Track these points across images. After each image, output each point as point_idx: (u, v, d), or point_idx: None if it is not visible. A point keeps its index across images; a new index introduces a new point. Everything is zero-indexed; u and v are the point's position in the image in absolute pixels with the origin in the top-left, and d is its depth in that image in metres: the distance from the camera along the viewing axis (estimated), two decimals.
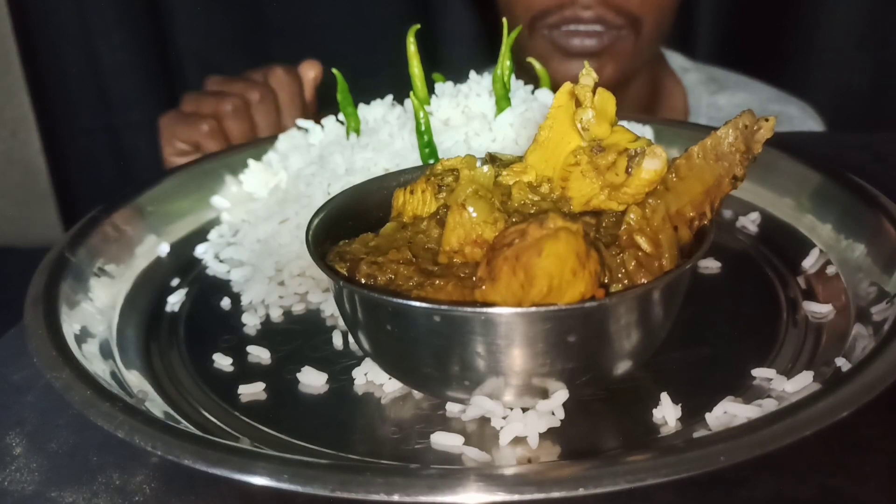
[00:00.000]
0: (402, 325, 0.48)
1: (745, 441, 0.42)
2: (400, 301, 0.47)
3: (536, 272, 0.44)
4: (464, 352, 0.47)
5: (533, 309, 0.45)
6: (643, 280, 0.48)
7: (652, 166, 0.49)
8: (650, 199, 0.50)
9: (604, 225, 0.50)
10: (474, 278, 0.47)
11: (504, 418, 0.49)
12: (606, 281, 0.48)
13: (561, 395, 0.49)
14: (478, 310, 0.45)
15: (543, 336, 0.46)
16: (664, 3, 1.17)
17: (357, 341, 0.54)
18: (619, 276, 0.48)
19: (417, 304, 0.47)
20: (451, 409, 0.51)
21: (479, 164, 0.55)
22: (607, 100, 0.52)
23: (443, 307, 0.46)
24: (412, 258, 0.51)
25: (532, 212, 0.51)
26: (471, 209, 0.50)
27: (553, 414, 0.49)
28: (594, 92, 0.52)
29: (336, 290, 0.52)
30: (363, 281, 0.50)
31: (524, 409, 0.50)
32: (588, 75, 0.52)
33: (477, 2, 1.52)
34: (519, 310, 0.45)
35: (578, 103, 0.52)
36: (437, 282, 0.48)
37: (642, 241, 0.49)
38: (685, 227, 0.51)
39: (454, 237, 0.50)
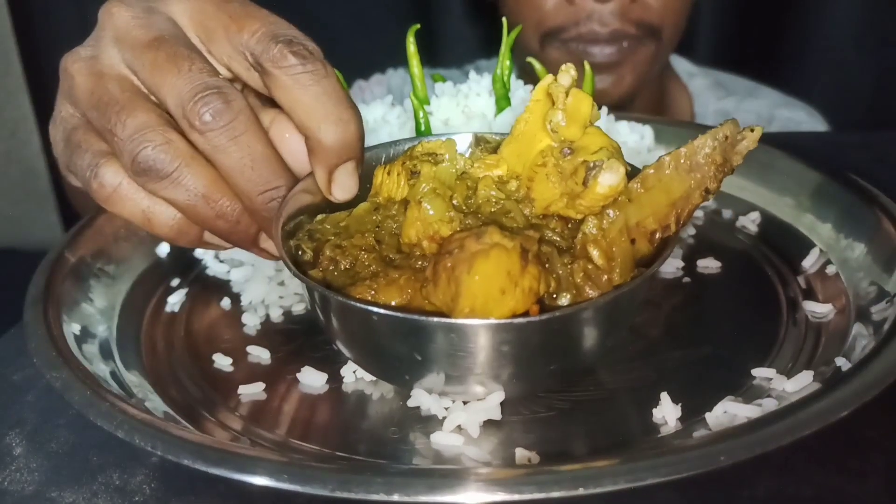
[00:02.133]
0: (346, 320, 0.50)
1: (746, 440, 0.42)
2: (342, 299, 0.47)
3: (462, 290, 0.44)
4: (399, 351, 0.48)
5: (457, 321, 0.45)
6: (590, 293, 0.48)
7: (607, 181, 0.48)
8: (609, 209, 0.49)
9: (569, 227, 0.50)
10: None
11: (447, 409, 0.50)
12: (552, 289, 0.47)
13: (497, 396, 0.49)
14: (407, 316, 0.46)
15: (472, 345, 0.46)
16: (681, 10, 1.14)
17: (324, 329, 0.54)
18: (568, 285, 0.48)
19: (356, 304, 0.47)
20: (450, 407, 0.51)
21: (466, 141, 0.55)
22: (581, 100, 0.51)
23: (379, 309, 0.46)
24: (375, 245, 0.51)
25: (494, 210, 0.51)
26: (427, 206, 0.50)
27: (491, 412, 0.50)
28: (568, 92, 0.51)
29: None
30: (325, 264, 0.50)
31: (465, 402, 0.50)
32: (566, 73, 0.51)
33: (477, 10, 1.52)
34: (444, 320, 0.45)
35: (553, 102, 0.51)
36: (393, 273, 0.49)
37: (595, 254, 0.48)
38: (644, 241, 0.50)
39: (413, 231, 0.50)
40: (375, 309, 0.46)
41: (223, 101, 0.49)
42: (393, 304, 0.48)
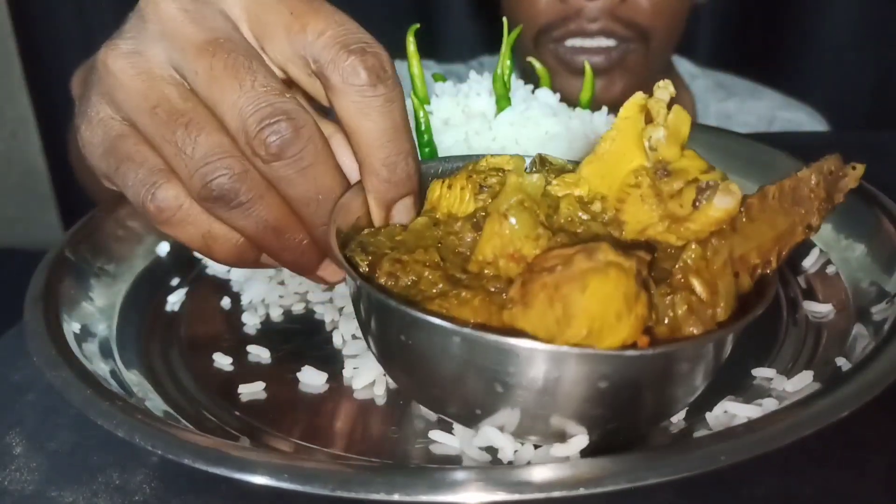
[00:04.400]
0: (417, 339, 0.44)
1: (746, 440, 0.42)
2: (419, 315, 0.43)
3: (576, 311, 0.40)
4: (480, 379, 0.43)
5: (565, 349, 0.41)
6: (692, 329, 0.43)
7: (723, 204, 0.44)
8: (714, 238, 0.45)
9: (655, 256, 0.45)
10: (504, 296, 0.43)
11: (515, 452, 0.46)
12: (651, 323, 0.43)
13: (580, 440, 0.45)
14: (502, 339, 0.41)
15: (571, 378, 0.42)
16: (674, 14, 1.13)
17: (367, 343, 0.51)
18: (666, 320, 0.43)
19: (437, 320, 0.42)
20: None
21: (527, 167, 0.51)
22: (683, 120, 0.47)
23: (465, 329, 0.42)
24: (440, 262, 0.47)
25: (579, 231, 0.47)
26: (513, 220, 0.45)
27: (568, 459, 0.45)
28: (669, 108, 0.47)
29: (352, 287, 0.49)
30: (384, 280, 0.46)
31: (536, 446, 0.47)
32: (665, 89, 0.47)
33: (479, 7, 1.52)
34: (548, 347, 0.41)
35: (649, 119, 0.47)
36: (464, 293, 0.44)
37: (698, 285, 0.44)
38: (746, 275, 0.46)
39: (489, 247, 0.45)
40: (464, 329, 0.41)
41: (292, 130, 0.45)
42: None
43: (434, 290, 0.45)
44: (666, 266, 0.45)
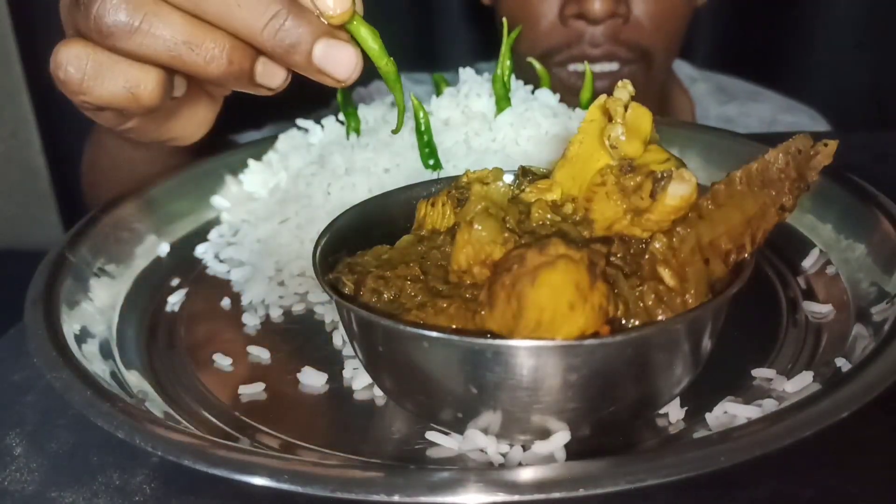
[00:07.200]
0: (393, 348, 0.46)
1: (746, 441, 0.42)
2: (389, 324, 0.44)
3: (526, 303, 0.41)
4: (454, 382, 0.45)
5: (519, 342, 0.42)
6: (662, 317, 0.44)
7: (678, 192, 0.45)
8: (679, 227, 0.45)
9: (631, 252, 0.46)
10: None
11: (503, 455, 0.47)
12: (620, 315, 0.43)
13: (562, 436, 0.46)
14: (464, 339, 0.43)
15: (538, 372, 0.43)
16: (675, 31, 1.12)
17: (357, 355, 0.52)
18: (638, 310, 0.44)
19: (406, 327, 0.44)
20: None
21: (510, 177, 0.52)
22: (641, 115, 0.48)
23: (431, 333, 0.43)
24: (420, 275, 0.48)
25: (549, 234, 0.47)
26: (478, 227, 0.46)
27: (553, 456, 0.46)
28: (627, 107, 0.48)
29: (336, 305, 0.51)
30: (367, 296, 0.48)
31: (524, 448, 0.47)
32: (623, 88, 0.48)
33: (477, 13, 1.52)
34: (503, 342, 0.42)
35: (610, 118, 0.48)
36: (441, 303, 0.46)
37: (666, 274, 0.44)
38: (719, 261, 0.47)
39: (462, 256, 0.46)
40: (428, 332, 0.43)
41: None
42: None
43: (415, 302, 0.47)
44: (641, 260, 0.46)
